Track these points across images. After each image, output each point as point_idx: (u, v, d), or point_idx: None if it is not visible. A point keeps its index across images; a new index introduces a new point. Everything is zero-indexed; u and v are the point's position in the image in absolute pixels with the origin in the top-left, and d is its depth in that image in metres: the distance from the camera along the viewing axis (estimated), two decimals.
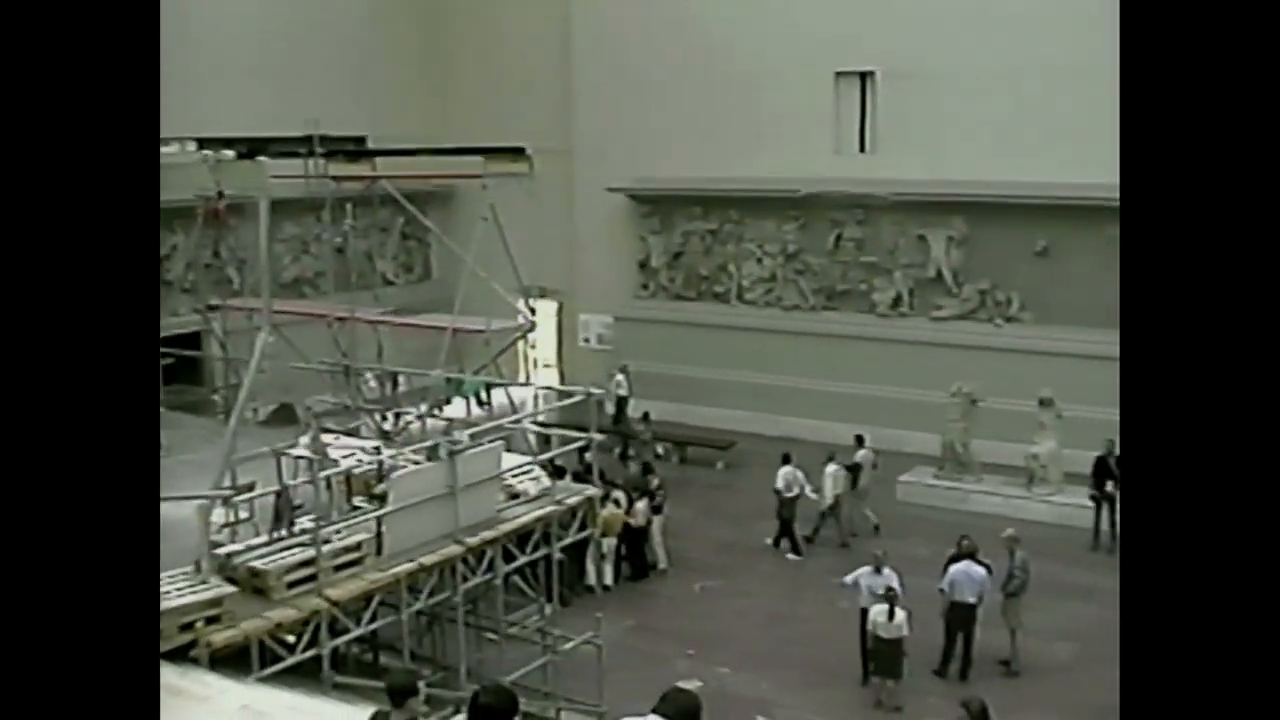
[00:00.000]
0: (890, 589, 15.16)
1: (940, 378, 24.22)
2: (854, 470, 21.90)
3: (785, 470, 21.12)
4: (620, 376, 28.18)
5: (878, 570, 15.68)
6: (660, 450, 25.31)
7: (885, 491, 22.90)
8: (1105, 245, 25.04)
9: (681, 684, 6.74)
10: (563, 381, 28.79)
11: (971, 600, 15.60)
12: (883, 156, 27.42)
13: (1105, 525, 21.08)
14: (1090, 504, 21.27)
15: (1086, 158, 24.07)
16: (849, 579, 16.12)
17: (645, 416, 25.27)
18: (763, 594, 18.99)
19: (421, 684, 7.27)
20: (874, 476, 22.41)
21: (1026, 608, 16.26)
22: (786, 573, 19.88)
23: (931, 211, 26.96)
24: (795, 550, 20.88)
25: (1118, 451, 21.09)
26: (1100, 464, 21.10)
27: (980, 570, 15.67)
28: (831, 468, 21.33)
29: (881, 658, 15.03)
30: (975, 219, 26.56)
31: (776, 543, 21.14)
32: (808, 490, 21.12)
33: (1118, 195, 20.41)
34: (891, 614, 14.83)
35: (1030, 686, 15.73)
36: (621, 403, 27.96)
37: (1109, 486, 20.99)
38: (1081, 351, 24.57)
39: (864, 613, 15.54)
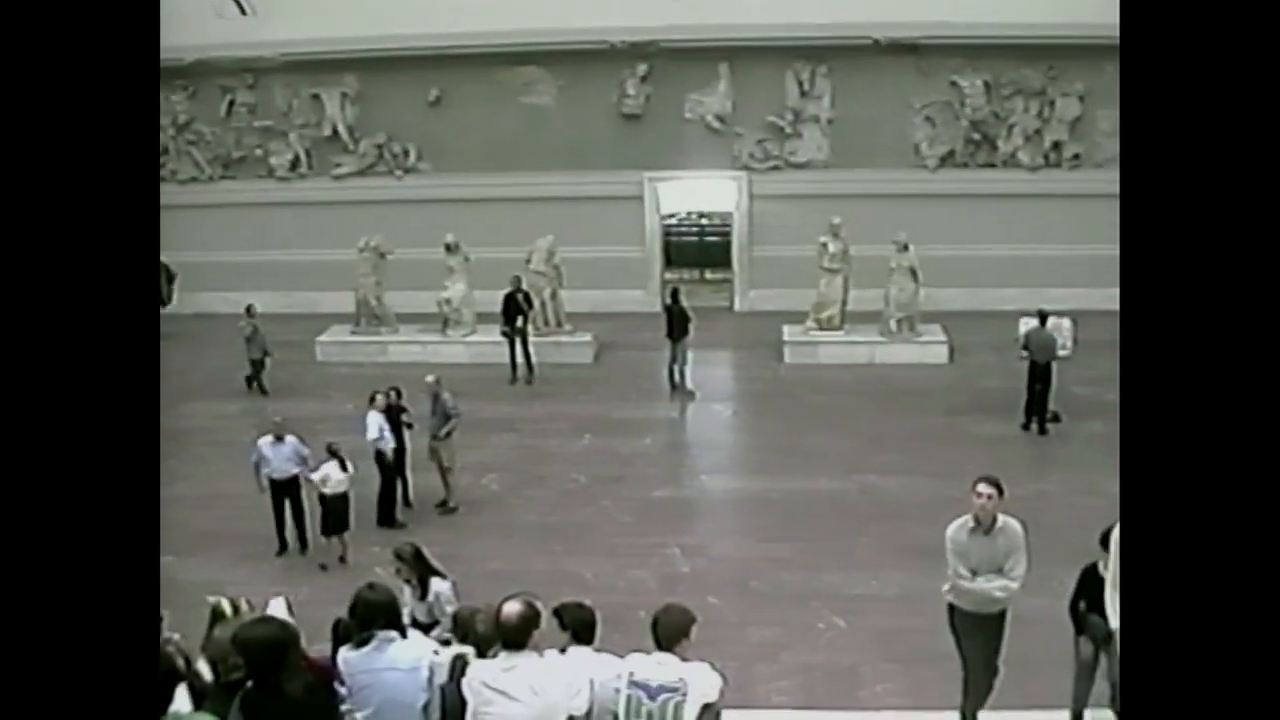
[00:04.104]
0: (333, 447, 15.23)
1: (347, 235, 24.40)
2: None
3: None
4: None
5: (279, 439, 15.49)
6: (267, 347, 22.28)
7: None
8: (492, 91, 26.00)
9: None
10: None
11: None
12: (267, 18, 26.62)
13: (520, 359, 22.28)
14: (503, 340, 22.36)
15: (473, 6, 24.72)
16: (253, 456, 15.80)
17: (249, 310, 22.75)
18: (193, 476, 18.50)
19: None
20: None
21: (458, 447, 16.95)
22: (215, 453, 19.45)
23: (323, 70, 26.73)
24: None
25: (524, 287, 22.27)
26: (509, 300, 22.14)
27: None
28: None
29: (331, 515, 15.17)
30: (367, 74, 26.60)
31: None
32: None
33: (507, 40, 21.00)
34: (344, 466, 14.99)
35: (469, 520, 16.55)
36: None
37: (519, 321, 22.13)
38: (478, 195, 25.65)
39: (275, 484, 15.42)
